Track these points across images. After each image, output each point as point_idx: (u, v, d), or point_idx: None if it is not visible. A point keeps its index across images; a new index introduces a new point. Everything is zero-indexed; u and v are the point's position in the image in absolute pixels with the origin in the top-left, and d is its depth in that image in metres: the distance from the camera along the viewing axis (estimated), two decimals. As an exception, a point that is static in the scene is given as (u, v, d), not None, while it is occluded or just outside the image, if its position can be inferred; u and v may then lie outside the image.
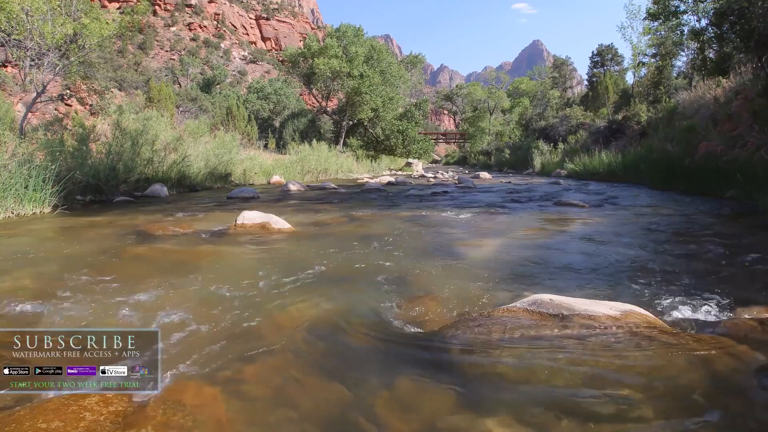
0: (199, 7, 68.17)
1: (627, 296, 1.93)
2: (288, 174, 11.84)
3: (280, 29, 79.46)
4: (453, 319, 1.71)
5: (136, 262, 2.65)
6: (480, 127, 37.50)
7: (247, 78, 53.76)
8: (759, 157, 5.67)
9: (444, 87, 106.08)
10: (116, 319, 1.70)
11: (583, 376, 1.24)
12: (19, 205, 4.65)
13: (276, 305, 1.86)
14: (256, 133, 18.17)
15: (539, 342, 1.43)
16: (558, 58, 29.99)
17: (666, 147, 8.97)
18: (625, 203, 5.91)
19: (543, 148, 17.79)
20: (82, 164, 6.06)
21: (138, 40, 53.74)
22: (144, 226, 3.86)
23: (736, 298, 1.88)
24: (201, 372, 1.31)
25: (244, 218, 3.63)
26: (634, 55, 16.71)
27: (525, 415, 1.08)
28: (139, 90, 24.59)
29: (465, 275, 2.34)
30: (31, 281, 2.19)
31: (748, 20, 6.50)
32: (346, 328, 1.65)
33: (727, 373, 1.26)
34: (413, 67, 29.54)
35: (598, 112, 19.49)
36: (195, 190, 8.35)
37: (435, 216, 4.85)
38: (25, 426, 1.02)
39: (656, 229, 3.85)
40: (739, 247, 2.95)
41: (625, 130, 14.26)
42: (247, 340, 1.53)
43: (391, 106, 21.74)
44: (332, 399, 1.19)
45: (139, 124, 8.03)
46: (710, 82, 10.25)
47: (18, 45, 8.20)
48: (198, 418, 1.09)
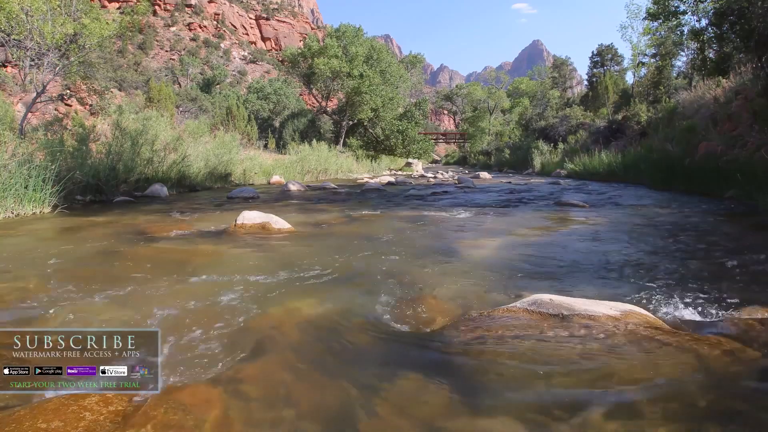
0: (199, 7, 68.20)
1: (627, 296, 1.93)
2: (288, 174, 11.84)
3: (280, 29, 79.48)
4: (453, 319, 1.71)
5: (136, 262, 2.65)
6: (480, 127, 37.50)
7: (247, 78, 53.80)
8: (759, 157, 5.67)
9: (444, 87, 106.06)
10: (116, 319, 1.70)
11: (583, 376, 1.24)
12: (19, 205, 4.65)
13: (276, 305, 1.86)
14: (256, 133, 18.17)
15: (539, 342, 1.43)
16: (558, 58, 29.97)
17: (666, 147, 8.97)
18: (625, 203, 5.91)
19: (543, 148, 17.80)
20: (82, 164, 6.06)
21: (138, 40, 53.78)
22: (144, 226, 3.86)
23: (736, 298, 1.88)
24: (201, 372, 1.31)
25: (244, 218, 3.63)
26: (634, 55, 16.72)
27: (525, 415, 1.08)
28: (139, 90, 24.59)
29: (465, 275, 2.34)
30: (31, 281, 2.19)
31: (748, 20, 6.51)
32: (346, 327, 1.65)
33: (727, 373, 1.26)
34: (413, 67, 29.55)
35: (598, 112, 19.48)
36: (195, 190, 8.35)
37: (435, 216, 4.84)
38: (25, 426, 1.02)
39: (656, 229, 3.85)
40: (739, 247, 2.95)
41: (625, 130, 14.26)
42: (247, 339, 1.53)
43: (391, 106, 21.74)
44: (332, 399, 1.19)
45: (139, 124, 8.02)
46: (710, 82, 10.24)
47: (18, 45, 8.19)
48: (198, 418, 1.09)
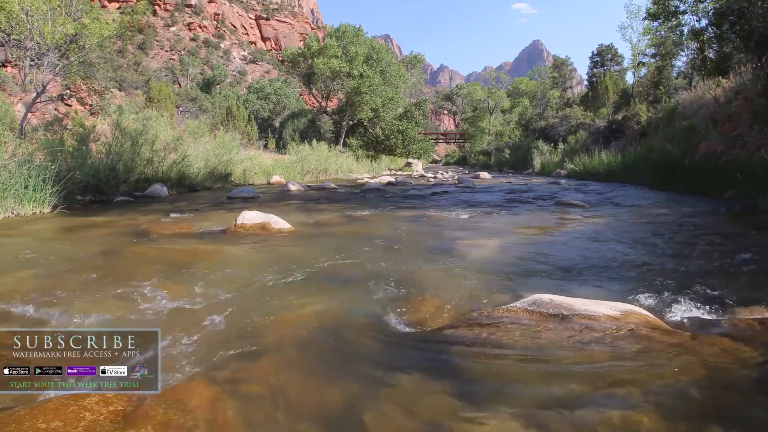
0: (199, 7, 68.21)
1: (627, 296, 1.93)
2: (288, 174, 11.84)
3: (279, 29, 79.48)
4: (453, 319, 1.71)
5: (136, 262, 2.65)
6: (480, 127, 37.48)
7: (247, 78, 53.80)
8: (759, 157, 5.67)
9: (444, 87, 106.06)
10: (116, 319, 1.70)
11: (583, 376, 1.24)
12: (18, 205, 4.65)
13: (276, 305, 1.86)
14: (256, 133, 18.17)
15: (539, 342, 1.43)
16: (558, 58, 29.97)
17: (666, 147, 8.96)
18: (625, 203, 5.91)
19: (543, 148, 17.79)
20: (82, 164, 6.06)
21: (138, 40, 53.78)
22: (144, 227, 3.86)
23: (736, 298, 1.88)
24: (201, 372, 1.31)
25: (244, 218, 3.63)
26: (634, 55, 16.71)
27: (525, 415, 1.08)
28: (139, 90, 24.58)
29: (465, 275, 2.34)
30: (31, 281, 2.19)
31: (748, 20, 6.50)
32: (346, 327, 1.65)
33: (727, 373, 1.26)
34: (413, 67, 29.54)
35: (598, 112, 19.48)
36: (195, 190, 8.35)
37: (435, 216, 4.84)
38: (25, 426, 1.02)
39: (656, 229, 3.85)
40: (740, 247, 2.94)
41: (625, 130, 14.26)
42: (246, 339, 1.53)
43: (391, 106, 21.73)
44: (332, 399, 1.19)
45: (139, 124, 8.03)
46: (710, 82, 10.24)
47: (18, 45, 8.19)
48: (198, 418, 1.09)
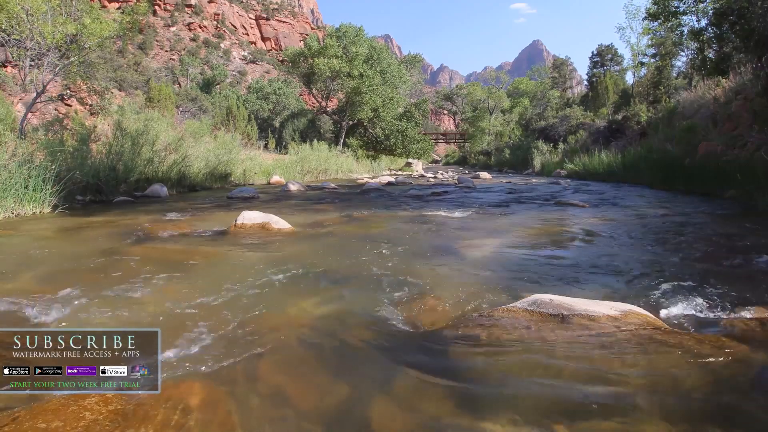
0: (199, 7, 68.18)
1: (627, 296, 1.93)
2: (288, 174, 11.84)
3: (280, 29, 79.45)
4: (453, 319, 1.71)
5: (136, 262, 2.65)
6: (480, 127, 37.47)
7: (247, 78, 53.81)
8: (759, 157, 5.67)
9: (444, 87, 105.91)
10: (116, 319, 1.70)
11: (583, 376, 1.24)
12: (19, 205, 4.65)
13: (276, 305, 1.86)
14: (256, 133, 18.19)
15: (539, 342, 1.43)
16: (558, 58, 30.02)
17: (666, 147, 8.97)
18: (624, 203, 5.90)
19: (543, 148, 17.80)
20: (82, 164, 6.06)
21: (138, 40, 53.70)
22: (144, 227, 3.86)
23: (736, 298, 1.88)
24: (201, 372, 1.31)
25: (244, 218, 3.63)
26: (634, 56, 16.75)
27: (525, 415, 1.08)
28: (139, 90, 24.56)
29: (465, 275, 2.34)
30: (31, 281, 2.19)
31: (748, 20, 6.50)
32: (346, 327, 1.65)
33: (727, 373, 1.26)
34: (412, 67, 29.55)
35: (598, 112, 19.50)
36: (195, 190, 8.36)
37: (435, 216, 4.84)
38: (25, 426, 1.02)
39: (656, 229, 3.85)
40: (739, 247, 2.95)
41: (625, 130, 14.26)
42: (247, 339, 1.53)
43: (391, 106, 21.74)
44: (332, 398, 1.19)
45: (140, 124, 8.03)
46: (710, 82, 10.23)
47: (18, 45, 8.19)
48: (198, 418, 1.09)
